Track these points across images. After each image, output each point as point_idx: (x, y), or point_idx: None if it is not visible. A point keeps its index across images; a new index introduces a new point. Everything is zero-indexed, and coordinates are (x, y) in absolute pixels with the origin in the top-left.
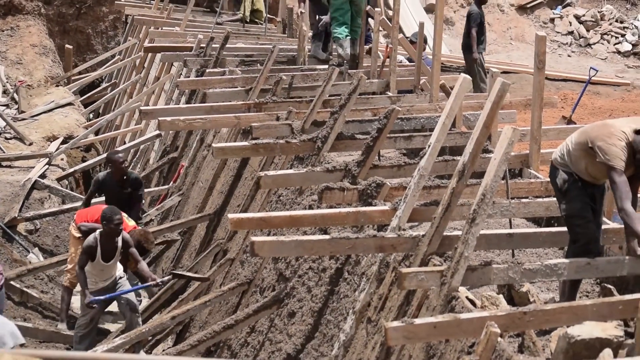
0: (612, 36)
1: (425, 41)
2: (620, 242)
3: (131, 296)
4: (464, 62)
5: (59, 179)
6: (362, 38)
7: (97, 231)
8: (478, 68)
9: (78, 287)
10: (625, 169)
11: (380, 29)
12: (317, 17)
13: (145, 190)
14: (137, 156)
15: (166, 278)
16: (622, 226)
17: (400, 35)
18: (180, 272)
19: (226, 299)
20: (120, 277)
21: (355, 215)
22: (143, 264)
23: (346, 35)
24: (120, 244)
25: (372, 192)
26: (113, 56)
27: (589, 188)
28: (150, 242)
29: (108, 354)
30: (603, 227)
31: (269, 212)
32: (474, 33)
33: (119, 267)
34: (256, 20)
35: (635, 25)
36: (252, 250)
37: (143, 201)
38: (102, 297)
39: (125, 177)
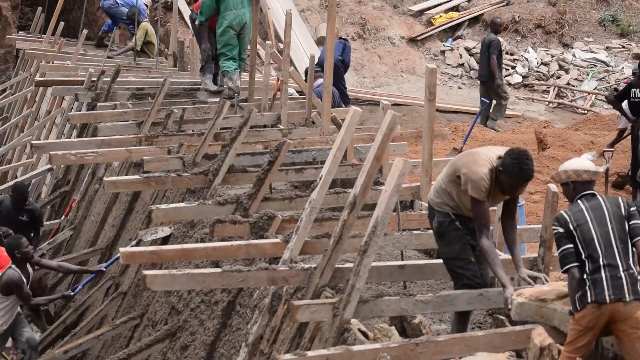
0: (502, 68)
1: None
2: (511, 273)
3: (31, 333)
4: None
5: None
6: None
7: (11, 265)
8: (502, 93)
9: None
10: (494, 194)
11: (271, 61)
12: (201, 48)
13: None
14: (28, 190)
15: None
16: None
17: (292, 68)
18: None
19: (119, 333)
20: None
21: (247, 248)
22: (45, 261)
23: (235, 68)
24: (31, 270)
25: (264, 225)
26: (4, 90)
27: (470, 223)
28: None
29: None
30: None
31: (160, 245)
32: (495, 59)
33: None
34: (147, 51)
35: (525, 58)
36: (144, 283)
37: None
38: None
39: (24, 205)
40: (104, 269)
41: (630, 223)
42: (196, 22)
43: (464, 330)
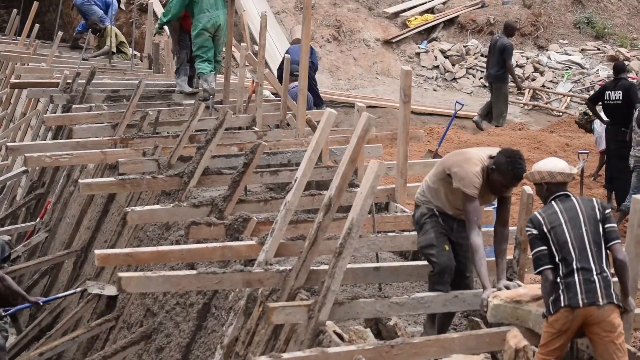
0: (477, 70)
1: None
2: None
3: None
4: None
5: None
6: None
7: None
8: (505, 99)
9: None
10: (483, 194)
11: (246, 63)
12: (177, 51)
13: (12, 226)
14: (3, 192)
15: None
16: (490, 259)
17: (267, 70)
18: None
19: (94, 335)
20: None
21: (222, 250)
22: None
23: (210, 70)
24: None
25: (239, 227)
26: None
27: (450, 221)
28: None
29: None
30: None
31: (136, 247)
32: (511, 65)
33: None
34: (122, 50)
35: None
36: (119, 285)
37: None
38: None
39: None
40: (41, 303)
41: (606, 227)
42: (157, 24)
43: (443, 331)
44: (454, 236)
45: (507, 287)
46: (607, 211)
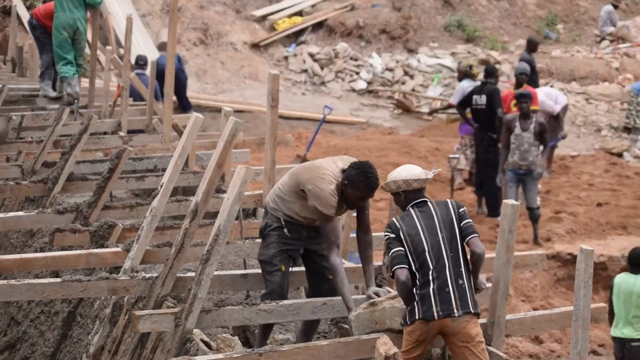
0: (346, 74)
1: None
2: (356, 281)
3: None
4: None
5: None
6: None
7: None
8: None
9: None
10: (339, 208)
11: (112, 67)
12: (40, 55)
13: None
14: None
15: None
16: (357, 265)
17: (132, 74)
18: None
19: None
20: None
21: (87, 258)
22: None
23: (74, 74)
24: None
25: (104, 234)
26: None
27: (299, 229)
28: None
29: None
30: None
31: None
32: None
33: None
34: None
35: (370, 63)
36: None
37: None
38: None
39: None
40: None
41: (462, 224)
42: None
43: (309, 339)
44: (303, 244)
45: (377, 294)
46: (461, 210)
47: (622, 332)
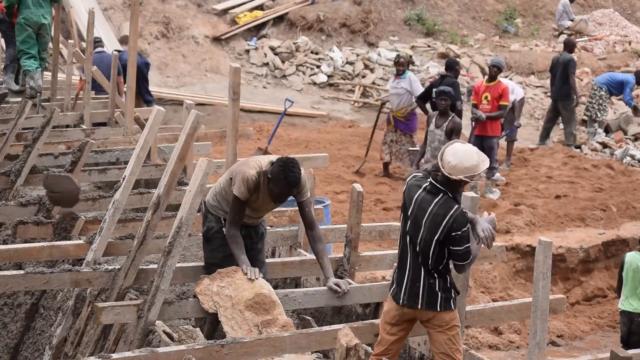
0: (307, 67)
1: None
2: (316, 273)
3: None
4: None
5: None
6: None
7: None
8: (574, 117)
9: None
10: (262, 200)
11: (74, 60)
12: (4, 48)
13: None
14: None
15: None
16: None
17: (94, 67)
18: None
19: None
20: None
21: (50, 250)
22: None
23: (36, 67)
24: None
25: (67, 226)
26: None
27: (243, 230)
28: None
29: None
30: (300, 258)
31: None
32: (574, 79)
33: None
34: None
35: (330, 57)
36: None
37: None
38: None
39: None
40: None
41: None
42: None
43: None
44: (245, 241)
45: (338, 285)
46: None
47: (631, 305)
